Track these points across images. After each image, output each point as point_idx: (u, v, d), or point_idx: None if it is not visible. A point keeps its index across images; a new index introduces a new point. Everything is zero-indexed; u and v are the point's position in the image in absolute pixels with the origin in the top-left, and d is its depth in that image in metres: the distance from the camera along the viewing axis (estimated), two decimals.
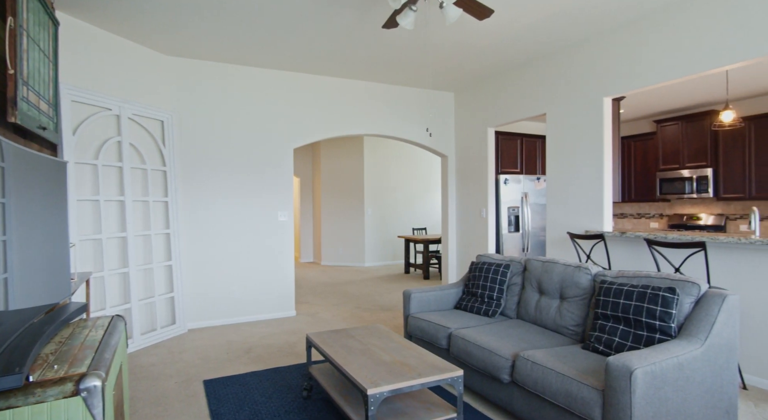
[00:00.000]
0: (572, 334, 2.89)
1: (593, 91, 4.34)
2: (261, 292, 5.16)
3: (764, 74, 5.02)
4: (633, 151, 7.23)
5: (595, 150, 4.32)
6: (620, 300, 2.52)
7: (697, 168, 6.24)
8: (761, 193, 5.62)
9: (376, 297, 6.31)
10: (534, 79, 5.05)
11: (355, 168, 9.61)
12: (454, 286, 3.84)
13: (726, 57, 3.31)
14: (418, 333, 3.40)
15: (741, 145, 5.81)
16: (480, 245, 5.90)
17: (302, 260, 10.41)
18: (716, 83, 5.37)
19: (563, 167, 4.66)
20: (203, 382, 3.24)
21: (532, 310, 3.21)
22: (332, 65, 5.12)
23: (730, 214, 6.24)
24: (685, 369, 2.08)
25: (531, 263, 3.37)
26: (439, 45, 4.50)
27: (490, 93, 5.74)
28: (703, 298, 2.34)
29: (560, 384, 2.22)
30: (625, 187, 7.35)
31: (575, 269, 3.00)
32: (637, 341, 2.39)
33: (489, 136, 5.82)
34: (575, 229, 4.51)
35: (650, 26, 3.82)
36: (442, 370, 2.35)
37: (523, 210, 6.11)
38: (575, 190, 4.52)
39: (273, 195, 5.23)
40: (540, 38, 4.35)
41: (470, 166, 6.11)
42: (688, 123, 6.38)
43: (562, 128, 4.68)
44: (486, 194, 5.80)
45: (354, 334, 3.02)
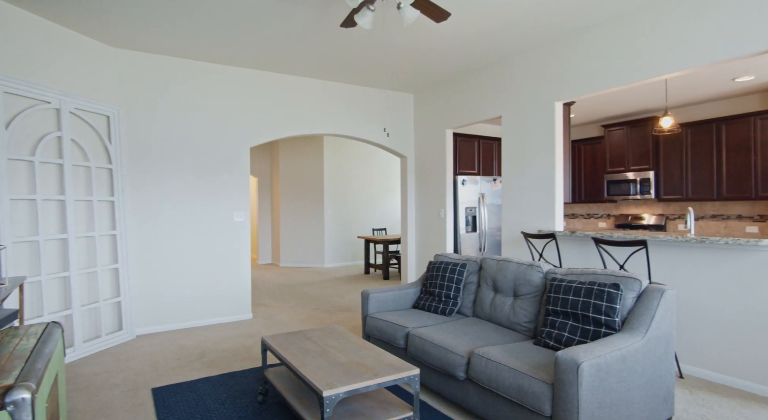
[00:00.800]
0: (525, 331, 2.97)
1: (546, 95, 4.49)
2: (215, 295, 5.00)
3: (699, 84, 5.38)
4: (583, 154, 7.56)
5: (547, 152, 4.48)
6: (569, 296, 2.62)
7: (641, 171, 6.61)
8: (697, 195, 6.02)
9: (335, 298, 6.26)
10: (490, 82, 5.17)
11: (315, 168, 9.51)
12: (412, 285, 3.86)
13: (665, 66, 3.52)
14: (376, 333, 3.40)
15: (679, 149, 6.20)
16: (438, 245, 5.98)
17: (260, 262, 10.18)
18: (657, 91, 5.70)
19: (518, 169, 4.80)
20: (151, 391, 3.09)
21: (488, 307, 3.29)
22: (291, 63, 5.04)
23: (669, 214, 6.65)
24: (628, 360, 2.19)
25: (486, 262, 3.45)
26: (399, 46, 4.53)
27: (449, 95, 5.83)
28: (644, 293, 2.48)
29: (513, 379, 2.28)
30: (576, 188, 7.67)
31: (528, 268, 3.09)
32: (584, 336, 2.49)
33: (447, 137, 5.91)
34: (529, 228, 4.65)
35: (597, 36, 4.00)
36: (398, 369, 2.35)
37: (480, 210, 6.25)
38: (529, 191, 4.67)
39: (228, 195, 5.08)
40: (496, 43, 4.46)
41: (429, 167, 6.18)
42: (632, 128, 6.75)
43: (516, 131, 4.82)
44: (444, 195, 5.89)
45: (311, 335, 2.97)
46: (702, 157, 5.96)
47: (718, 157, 5.80)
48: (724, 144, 5.75)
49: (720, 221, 6.07)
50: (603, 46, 3.96)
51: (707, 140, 5.91)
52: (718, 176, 5.80)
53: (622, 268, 3.30)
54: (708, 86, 5.47)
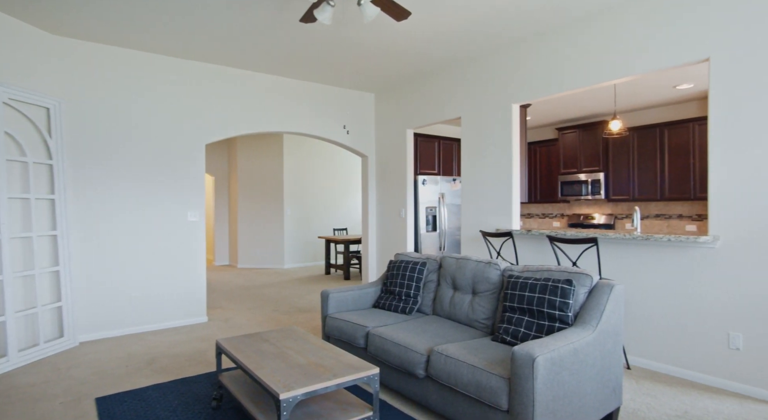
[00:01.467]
0: (483, 327, 3.02)
1: (503, 97, 4.60)
2: (168, 298, 4.78)
3: (644, 91, 5.68)
4: (538, 156, 7.81)
5: (505, 153, 4.59)
6: (525, 293, 2.68)
7: (592, 172, 6.91)
8: (642, 195, 6.36)
9: (294, 299, 6.14)
10: (450, 83, 5.24)
11: (275, 167, 9.32)
12: (372, 285, 3.84)
13: (614, 72, 3.68)
14: (336, 333, 3.35)
15: (626, 152, 6.53)
16: (399, 244, 5.99)
17: (217, 263, 9.86)
18: (607, 96, 5.97)
19: (477, 169, 4.89)
20: (95, 400, 2.91)
21: (447, 305, 3.32)
22: (249, 58, 4.90)
23: (618, 214, 6.98)
24: (580, 354, 2.26)
25: (446, 260, 3.48)
26: (359, 44, 4.50)
27: (409, 95, 5.86)
28: (595, 289, 2.57)
29: (471, 375, 2.31)
30: (532, 189, 7.92)
31: (486, 265, 3.14)
32: (539, 331, 2.56)
33: (408, 137, 5.94)
34: (487, 227, 4.75)
35: (552, 41, 4.14)
36: (358, 369, 2.33)
37: (440, 210, 6.33)
38: (487, 191, 4.76)
39: (183, 193, 4.88)
40: (455, 44, 4.52)
41: (390, 166, 6.19)
42: (584, 131, 7.04)
43: (475, 132, 4.91)
44: (405, 195, 5.91)
45: (268, 337, 2.89)
46: (647, 160, 6.30)
47: (661, 160, 6.15)
48: (666, 148, 6.11)
49: (663, 220, 6.44)
50: (558, 51, 4.10)
51: (652, 144, 6.25)
52: (662, 178, 6.15)
53: (575, 264, 3.42)
54: (653, 93, 5.78)
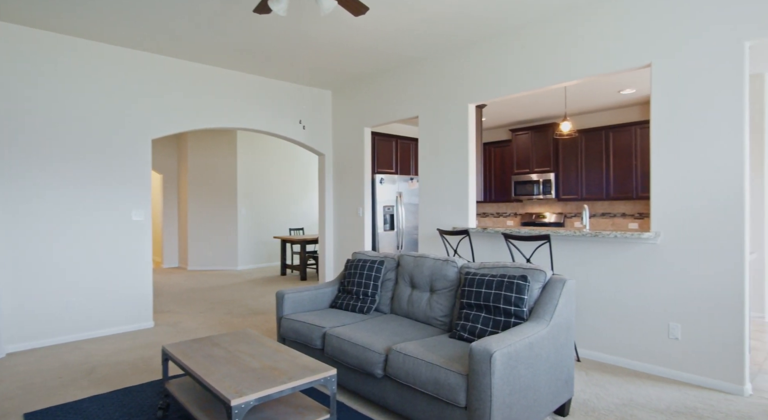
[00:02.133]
0: (441, 325, 3.03)
1: (460, 97, 4.65)
2: (110, 303, 4.47)
3: (592, 95, 5.94)
4: (493, 156, 8.00)
5: (461, 152, 4.64)
6: (482, 289, 2.71)
7: (543, 172, 7.15)
8: (590, 195, 6.65)
9: (248, 301, 5.94)
10: (408, 82, 5.25)
11: (228, 165, 9.00)
12: (329, 284, 3.77)
13: (565, 75, 3.81)
14: (292, 335, 3.25)
15: (575, 153, 6.81)
16: (356, 244, 5.94)
17: (165, 265, 9.40)
18: (557, 99, 6.20)
19: (433, 168, 4.92)
20: (23, 417, 2.66)
21: (405, 304, 3.30)
22: (199, 50, 4.68)
23: (567, 213, 7.27)
24: (535, 347, 2.31)
25: (404, 259, 3.47)
26: (315, 39, 4.41)
27: (367, 93, 5.82)
28: (549, 284, 2.63)
29: (429, 373, 2.29)
30: (487, 188, 8.10)
31: (443, 263, 3.15)
32: (496, 326, 2.58)
33: (365, 136, 5.90)
34: (444, 225, 4.78)
35: (505, 44, 4.23)
36: (314, 371, 2.25)
37: (398, 209, 6.33)
38: (444, 190, 4.80)
39: (126, 191, 4.58)
40: (413, 42, 4.53)
41: (347, 165, 6.12)
42: (536, 133, 7.27)
43: (432, 131, 4.94)
44: (362, 193, 5.87)
45: (219, 341, 2.75)
46: (594, 161, 6.60)
47: (606, 162, 6.46)
48: (611, 150, 6.42)
49: (608, 219, 6.76)
50: (511, 54, 4.19)
51: (598, 146, 6.55)
52: (607, 179, 6.46)
53: (529, 261, 3.50)
54: (599, 97, 6.06)
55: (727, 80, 2.99)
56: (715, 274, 3.04)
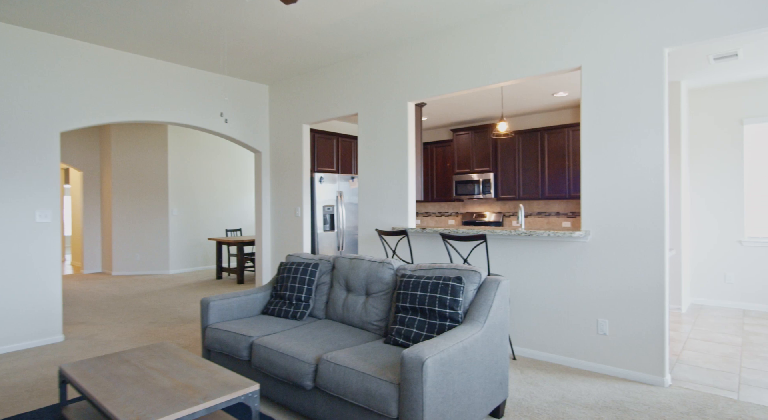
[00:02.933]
0: (377, 329, 2.91)
1: (399, 95, 4.57)
2: (8, 315, 3.96)
3: (528, 97, 6.10)
4: (434, 156, 8.04)
5: (401, 151, 4.56)
6: (417, 292, 2.62)
7: (483, 172, 7.27)
8: (527, 195, 6.84)
9: (177, 308, 5.54)
10: (347, 78, 5.10)
11: (158, 162, 8.40)
12: (261, 289, 3.54)
13: (499, 76, 3.83)
14: (217, 346, 3.01)
15: (513, 154, 6.98)
16: (295, 245, 5.71)
17: (86, 271, 8.62)
18: (496, 100, 6.31)
19: (373, 167, 4.81)
20: None
21: (340, 308, 3.15)
22: (120, 35, 4.26)
23: (506, 212, 7.45)
24: (469, 351, 2.25)
25: (339, 261, 3.32)
26: (245, 28, 4.15)
27: (306, 89, 5.61)
28: (483, 285, 2.59)
29: (360, 383, 2.16)
30: (429, 188, 8.13)
31: (379, 265, 3.04)
32: (431, 330, 2.51)
33: (304, 133, 5.68)
34: (384, 226, 4.69)
35: (443, 42, 4.20)
36: (234, 387, 2.06)
37: (338, 209, 6.17)
38: (384, 189, 4.71)
39: (27, 189, 4.08)
40: (350, 37, 4.39)
41: (285, 163, 5.87)
42: (476, 133, 7.39)
43: (372, 129, 4.82)
44: (301, 193, 5.65)
45: (130, 357, 2.47)
46: (530, 162, 6.79)
47: (542, 162, 6.67)
48: (546, 151, 6.63)
49: (544, 218, 7.00)
50: (449, 52, 4.17)
51: (534, 147, 6.75)
52: (542, 179, 6.67)
53: (466, 261, 3.48)
54: (535, 99, 6.23)
55: (648, 85, 3.11)
56: (638, 270, 3.16)
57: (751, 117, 5.30)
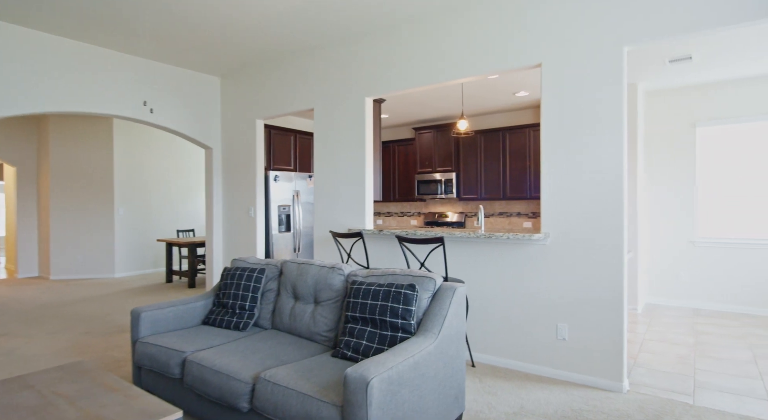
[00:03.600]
0: (325, 341, 2.69)
1: (357, 90, 4.36)
2: None
3: (489, 96, 6.02)
4: (396, 155, 7.88)
5: (358, 149, 4.35)
6: (368, 301, 2.42)
7: (445, 172, 7.17)
8: (488, 195, 6.78)
9: (117, 316, 5.11)
10: (303, 71, 4.84)
11: (102, 157, 7.83)
12: (202, 297, 3.25)
13: (459, 71, 3.68)
14: (147, 363, 2.70)
15: (475, 154, 6.91)
16: (248, 247, 5.40)
17: (21, 275, 7.94)
18: (457, 97, 6.20)
19: (329, 165, 4.58)
20: None
21: (287, 318, 2.91)
22: (50, 16, 3.84)
23: (468, 212, 7.37)
24: (421, 366, 2.06)
25: (287, 266, 3.07)
26: (189, 14, 3.83)
27: (259, 82, 5.30)
28: (438, 292, 2.42)
29: (301, 405, 1.94)
30: (391, 187, 7.96)
31: (329, 270, 2.82)
32: (382, 342, 2.31)
33: (258, 128, 5.37)
34: (340, 227, 4.47)
35: (402, 36, 4.02)
36: (153, 416, 1.79)
37: (295, 209, 5.89)
38: (340, 189, 4.48)
39: None
40: (305, 26, 4.14)
41: (238, 160, 5.54)
42: (438, 132, 7.27)
43: (328, 125, 4.59)
44: (254, 192, 5.34)
45: (36, 381, 2.15)
46: (492, 162, 6.73)
47: (503, 162, 6.62)
48: (508, 151, 6.59)
49: (505, 218, 6.96)
50: (408, 47, 3.99)
51: (495, 147, 6.69)
52: (504, 179, 6.62)
53: (423, 265, 3.30)
54: (496, 99, 6.16)
55: (608, 84, 3.04)
56: (597, 273, 3.08)
57: (703, 120, 5.41)
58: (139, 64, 4.96)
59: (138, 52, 4.77)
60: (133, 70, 4.91)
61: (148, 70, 5.03)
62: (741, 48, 4.14)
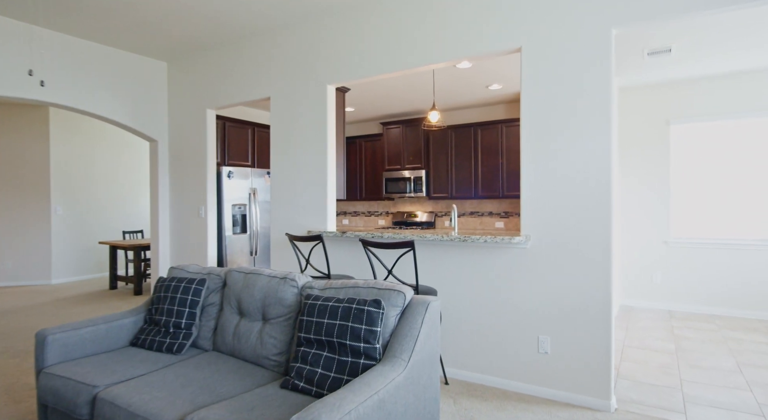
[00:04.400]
0: (275, 366, 2.26)
1: (317, 77, 3.93)
2: None
3: (461, 89, 5.71)
4: (364, 151, 7.47)
5: (319, 142, 3.93)
6: (324, 319, 2.01)
7: (415, 169, 6.82)
8: (459, 193, 6.48)
9: None
10: (259, 56, 4.36)
11: (37, 151, 7.05)
12: (131, 313, 2.75)
13: (429, 57, 3.32)
14: (52, 399, 2.19)
15: (445, 150, 6.59)
16: (199, 250, 4.87)
17: None
18: (428, 89, 5.86)
19: (288, 160, 4.13)
20: None
21: (230, 337, 2.46)
22: None
23: (438, 212, 7.06)
24: (387, 404, 1.68)
25: (231, 276, 2.62)
26: None
27: (210, 67, 4.78)
28: (408, 309, 2.04)
29: None
30: (357, 185, 7.55)
31: (280, 281, 2.39)
32: (341, 371, 1.91)
33: (209, 119, 4.85)
34: (300, 229, 4.03)
35: (367, 16, 3.62)
36: None
37: (251, 208, 5.39)
38: (300, 186, 4.04)
39: None
40: (263, 4, 3.67)
41: (187, 154, 5.00)
42: (407, 127, 6.92)
43: (286, 116, 4.14)
44: (205, 189, 4.82)
45: None
46: (463, 159, 6.44)
47: (475, 159, 6.33)
48: (480, 147, 6.31)
49: (477, 218, 6.68)
50: (373, 30, 3.59)
51: (467, 143, 6.40)
52: (475, 177, 6.34)
53: (391, 272, 2.92)
54: (468, 92, 5.86)
55: (594, 68, 2.74)
56: (582, 280, 2.79)
57: (677, 118, 5.28)
58: (70, 44, 4.34)
59: (73, 31, 4.17)
60: (68, 52, 4.29)
61: (81, 51, 4.42)
62: (721, 40, 3.98)
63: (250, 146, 5.85)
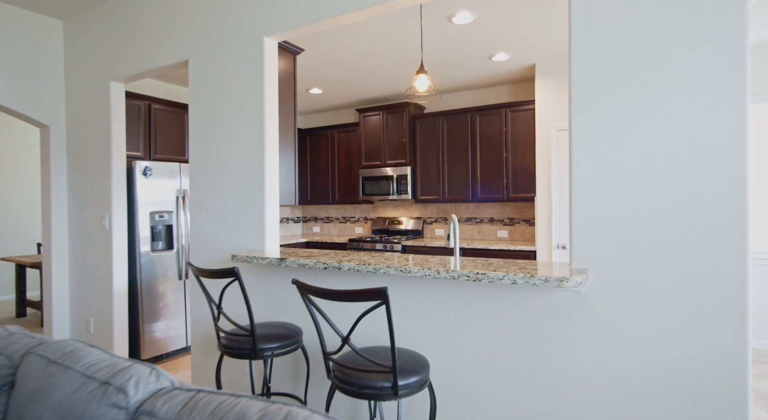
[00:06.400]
0: None
1: (250, 26, 2.67)
2: None
3: (457, 62, 4.50)
4: (337, 144, 6.21)
5: (254, 124, 2.67)
6: None
7: (398, 166, 5.58)
8: (453, 196, 5.26)
9: None
10: (172, 5, 3.08)
11: None
12: None
13: None
14: None
15: (436, 142, 5.37)
16: (104, 272, 3.56)
17: None
18: (413, 61, 4.63)
19: (211, 151, 2.86)
20: None
21: None
22: None
23: (427, 218, 5.83)
24: None
25: (28, 365, 1.34)
26: None
27: (114, 25, 3.48)
28: None
29: None
30: (330, 186, 6.29)
31: (96, 394, 1.12)
32: None
33: (113, 96, 3.54)
34: (227, 250, 2.76)
35: None
36: None
37: (179, 216, 4.06)
38: (226, 189, 2.78)
39: None
40: None
41: (90, 144, 3.69)
42: (389, 114, 5.68)
43: (209, 86, 2.87)
44: (109, 192, 3.52)
45: None
46: (458, 153, 5.22)
47: (473, 153, 5.12)
48: (478, 137, 5.10)
49: (474, 225, 5.48)
50: None
51: (462, 132, 5.19)
52: (473, 174, 5.12)
53: (346, 341, 1.66)
54: (466, 65, 4.64)
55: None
56: (690, 345, 1.58)
57: None
58: None
59: None
60: None
61: None
62: None
63: (185, 134, 4.54)
